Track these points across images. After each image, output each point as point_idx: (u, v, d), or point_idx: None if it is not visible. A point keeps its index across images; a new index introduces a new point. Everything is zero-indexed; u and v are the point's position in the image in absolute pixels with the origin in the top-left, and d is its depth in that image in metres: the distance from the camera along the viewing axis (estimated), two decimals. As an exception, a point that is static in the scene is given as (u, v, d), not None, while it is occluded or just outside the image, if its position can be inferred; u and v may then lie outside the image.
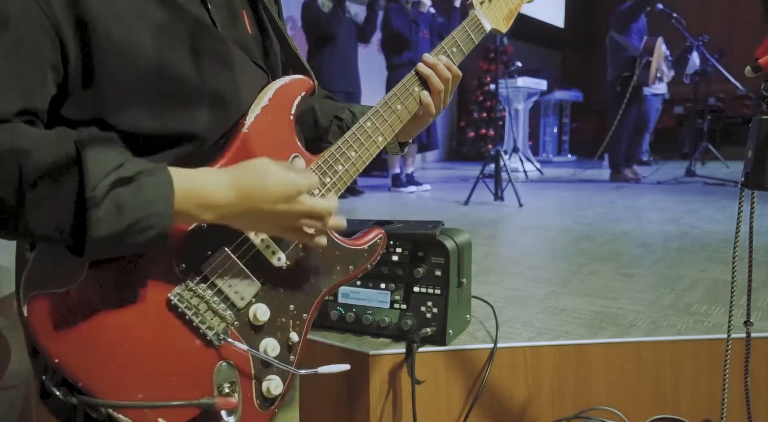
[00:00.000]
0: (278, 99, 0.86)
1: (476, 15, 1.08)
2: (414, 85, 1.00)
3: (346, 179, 0.91)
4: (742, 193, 1.00)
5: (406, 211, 4.30)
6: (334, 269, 0.92)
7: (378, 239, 0.97)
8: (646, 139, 7.61)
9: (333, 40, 5.02)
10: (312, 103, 1.07)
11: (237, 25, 0.88)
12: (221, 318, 0.79)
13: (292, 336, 0.87)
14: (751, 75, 0.93)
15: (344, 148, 0.91)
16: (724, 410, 1.06)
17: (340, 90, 5.05)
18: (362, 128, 0.93)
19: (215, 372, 0.79)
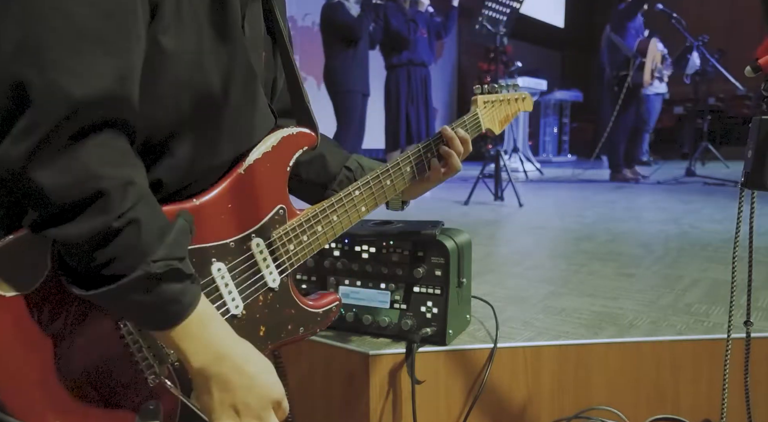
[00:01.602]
0: (281, 148, 0.86)
1: (478, 114, 1.16)
2: (407, 165, 1.05)
3: (321, 241, 0.93)
4: (742, 193, 1.00)
5: (406, 211, 4.29)
6: (284, 327, 0.91)
7: (333, 306, 0.98)
8: (646, 139, 7.62)
9: (356, 44, 5.03)
10: (321, 150, 1.08)
11: (258, 62, 0.89)
12: (162, 358, 0.77)
13: None
14: (751, 75, 0.93)
15: (328, 211, 0.94)
16: (724, 410, 1.06)
17: (358, 91, 5.07)
18: (350, 195, 0.97)
19: (141, 411, 0.76)
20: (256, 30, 0.86)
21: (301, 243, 0.89)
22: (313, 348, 1.45)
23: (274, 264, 0.87)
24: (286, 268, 0.88)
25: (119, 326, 0.73)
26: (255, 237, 0.84)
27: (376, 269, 1.40)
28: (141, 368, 0.75)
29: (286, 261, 0.88)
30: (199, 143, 0.77)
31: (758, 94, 0.93)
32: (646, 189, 5.57)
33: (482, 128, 1.17)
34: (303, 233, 0.89)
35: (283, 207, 0.88)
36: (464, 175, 7.31)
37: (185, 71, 0.73)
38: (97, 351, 0.72)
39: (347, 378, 1.40)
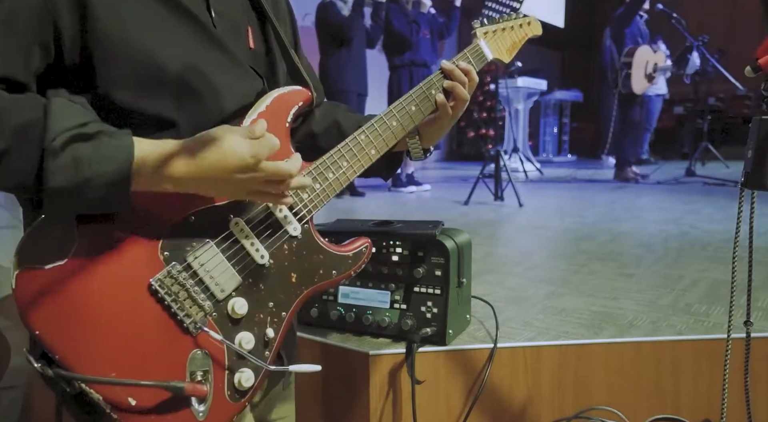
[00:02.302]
0: (276, 106, 0.89)
1: (479, 44, 1.12)
2: (411, 104, 1.04)
3: (335, 186, 0.95)
4: (742, 193, 1.00)
5: (406, 211, 4.30)
6: (317, 272, 0.94)
7: (364, 248, 0.99)
8: (647, 138, 7.62)
9: (349, 43, 5.03)
10: (336, 117, 1.11)
11: (239, 37, 0.92)
12: (200, 308, 0.81)
13: (268, 332, 0.88)
14: (751, 75, 0.93)
15: (336, 157, 0.95)
16: (724, 410, 1.06)
17: (353, 91, 5.08)
18: (355, 140, 0.97)
19: (189, 360, 0.80)
20: (230, 5, 0.91)
21: (314, 190, 0.92)
22: (313, 348, 1.45)
23: (291, 213, 0.90)
24: (304, 215, 0.91)
25: (151, 283, 0.78)
26: None
27: (376, 269, 1.40)
28: (181, 318, 0.79)
29: (303, 209, 0.91)
30: (142, 94, 0.80)
31: (758, 94, 0.93)
32: (646, 189, 5.57)
33: (487, 58, 1.14)
34: (314, 181, 0.92)
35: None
36: (464, 174, 7.31)
37: (138, 53, 0.78)
38: (137, 307, 0.77)
39: (347, 378, 1.40)
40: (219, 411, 0.82)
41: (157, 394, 0.77)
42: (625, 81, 5.97)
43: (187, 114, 0.83)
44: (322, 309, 1.46)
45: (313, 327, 1.48)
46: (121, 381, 0.75)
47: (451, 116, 1.08)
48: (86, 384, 0.73)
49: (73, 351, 0.73)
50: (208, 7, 0.87)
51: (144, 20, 0.79)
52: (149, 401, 0.77)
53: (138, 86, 0.79)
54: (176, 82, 0.82)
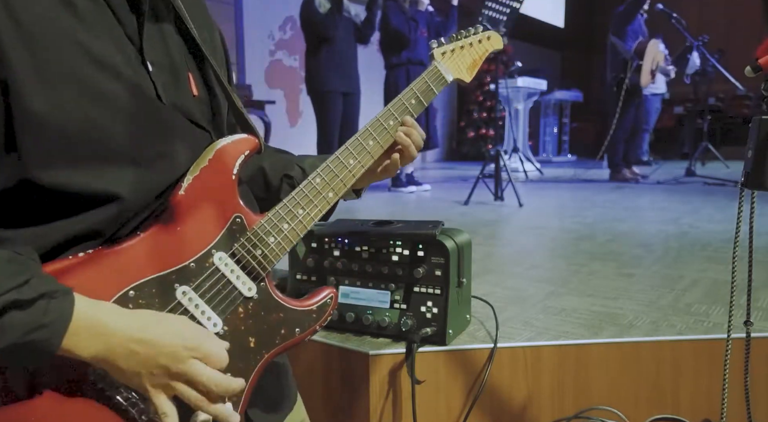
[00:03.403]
0: (219, 159, 0.83)
1: (437, 67, 1.07)
2: (368, 139, 0.98)
3: (292, 237, 0.88)
4: (742, 193, 1.00)
5: (406, 211, 4.30)
6: (278, 333, 0.87)
7: (329, 299, 0.92)
8: (646, 139, 7.62)
9: (330, 41, 4.96)
10: (261, 163, 1.05)
11: (180, 87, 0.85)
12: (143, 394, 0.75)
13: (227, 407, 0.79)
14: (751, 75, 0.93)
15: (290, 206, 0.89)
16: (724, 410, 1.06)
17: (337, 91, 5.03)
18: (311, 185, 0.91)
19: None
20: (167, 53, 0.84)
21: (268, 245, 0.86)
22: (313, 348, 1.45)
23: (244, 273, 0.84)
24: (258, 273, 0.85)
25: (88, 373, 0.73)
26: (216, 251, 0.82)
27: (376, 269, 1.40)
28: (126, 409, 0.74)
29: (257, 266, 0.85)
30: (81, 172, 0.74)
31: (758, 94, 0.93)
32: (646, 189, 5.57)
33: (447, 80, 1.08)
34: (268, 235, 0.86)
35: (240, 215, 0.84)
36: (464, 174, 7.31)
37: (72, 126, 0.72)
38: (78, 402, 0.72)
39: (347, 378, 1.40)
40: None
41: None
42: (634, 74, 5.94)
43: (134, 185, 0.77)
44: (322, 309, 1.46)
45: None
46: None
47: (394, 171, 1.05)
48: None
49: None
50: (143, 61, 0.80)
51: (76, 92, 0.73)
52: None
53: (79, 165, 0.73)
54: (124, 157, 0.76)
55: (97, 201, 0.75)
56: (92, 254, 0.74)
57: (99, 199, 0.75)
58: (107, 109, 0.74)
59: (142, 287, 0.77)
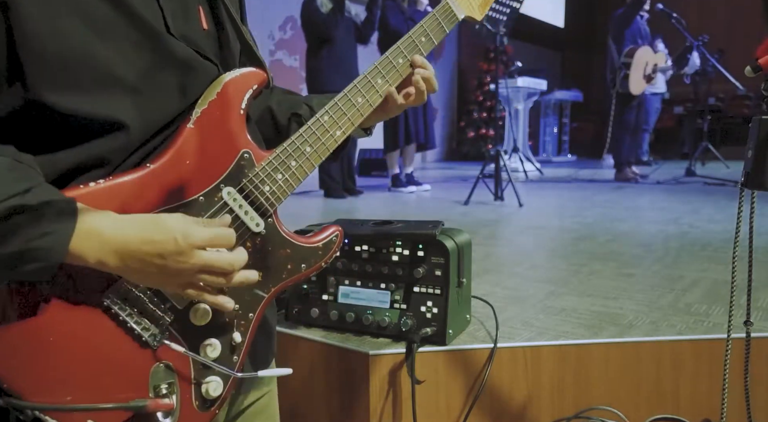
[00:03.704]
0: (227, 92, 0.82)
1: (448, 2, 1.04)
2: (377, 77, 0.96)
3: (299, 174, 0.88)
4: (742, 193, 1.00)
5: (406, 210, 4.30)
6: (284, 268, 0.88)
7: (334, 236, 0.92)
8: (646, 139, 7.62)
9: (331, 41, 4.96)
10: (269, 103, 1.04)
11: (189, 19, 0.85)
12: (158, 319, 0.77)
13: (235, 336, 0.83)
14: (751, 75, 0.93)
15: (298, 143, 0.88)
16: (724, 410, 1.06)
17: (338, 91, 5.03)
18: (318, 122, 0.90)
19: (151, 374, 0.77)
20: None
21: (276, 181, 0.85)
22: (313, 348, 1.45)
23: (252, 209, 0.84)
24: (266, 210, 0.85)
25: (103, 298, 0.73)
26: (224, 186, 0.82)
27: (376, 269, 1.40)
28: (138, 333, 0.76)
29: (265, 202, 0.85)
30: (85, 96, 0.75)
31: (758, 94, 0.93)
32: (646, 189, 5.57)
33: (458, 17, 1.05)
34: (275, 171, 0.85)
35: (248, 151, 0.84)
36: (464, 174, 7.31)
37: (71, 52, 0.72)
38: (90, 327, 0.73)
39: (347, 378, 1.40)
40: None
41: (120, 415, 0.74)
42: (623, 81, 5.98)
43: (139, 114, 0.77)
44: (322, 309, 1.46)
45: (313, 328, 1.48)
46: (75, 407, 0.71)
47: (404, 106, 1.02)
48: (42, 412, 0.69)
49: (24, 378, 0.69)
50: None
51: (81, 17, 0.73)
52: (111, 421, 0.73)
53: (82, 90, 0.74)
54: (126, 85, 0.76)
55: (103, 129, 0.75)
56: (99, 185, 0.73)
57: (105, 127, 0.75)
58: (108, 37, 0.74)
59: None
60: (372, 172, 7.86)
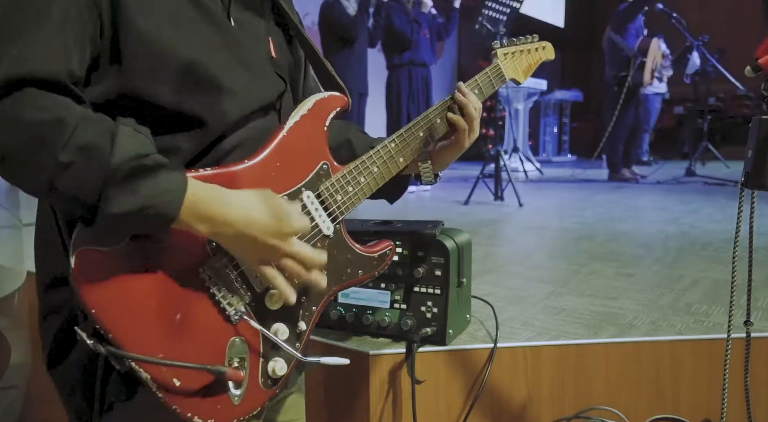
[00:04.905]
0: (316, 110, 0.94)
1: (499, 64, 1.20)
2: (437, 116, 1.09)
3: (366, 191, 1.00)
4: (742, 193, 1.00)
5: (406, 210, 4.30)
6: (345, 271, 0.99)
7: (388, 250, 1.05)
8: (646, 139, 7.63)
9: (354, 42, 5.02)
10: (348, 136, 1.14)
11: (259, 43, 0.95)
12: (240, 298, 0.85)
13: (300, 324, 0.92)
14: (751, 75, 0.94)
15: (368, 163, 1.00)
16: (724, 410, 1.06)
17: (354, 90, 5.07)
18: (386, 148, 1.02)
19: (229, 346, 0.84)
20: (252, 15, 0.94)
21: (347, 193, 0.97)
22: (313, 348, 1.45)
23: (326, 214, 0.94)
24: (337, 216, 0.96)
25: (199, 271, 0.81)
26: (305, 190, 0.92)
27: (376, 269, 1.40)
28: (223, 306, 0.83)
29: (336, 210, 0.96)
30: (176, 92, 0.82)
31: (758, 94, 0.93)
32: (646, 189, 5.57)
33: (506, 78, 1.21)
34: (348, 184, 0.97)
35: (326, 162, 0.95)
36: (464, 174, 7.31)
37: (161, 47, 0.80)
38: (186, 293, 0.81)
39: (347, 378, 1.40)
40: (252, 397, 0.86)
41: (199, 377, 0.80)
42: (637, 71, 5.95)
43: (216, 113, 0.85)
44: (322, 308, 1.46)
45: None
46: (170, 362, 0.77)
47: (465, 137, 1.12)
48: (137, 363, 0.76)
49: (126, 331, 0.76)
50: (228, 15, 0.90)
51: (174, 19, 0.81)
52: (191, 383, 0.80)
53: (171, 83, 0.81)
54: (208, 84, 0.84)
55: (185, 123, 0.83)
56: (207, 171, 0.82)
57: (187, 122, 0.83)
58: (194, 38, 0.83)
59: None
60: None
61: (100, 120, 0.73)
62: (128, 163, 0.71)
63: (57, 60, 0.72)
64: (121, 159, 0.70)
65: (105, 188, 0.70)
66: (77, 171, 0.69)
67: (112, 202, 0.70)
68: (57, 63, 0.72)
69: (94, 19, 0.76)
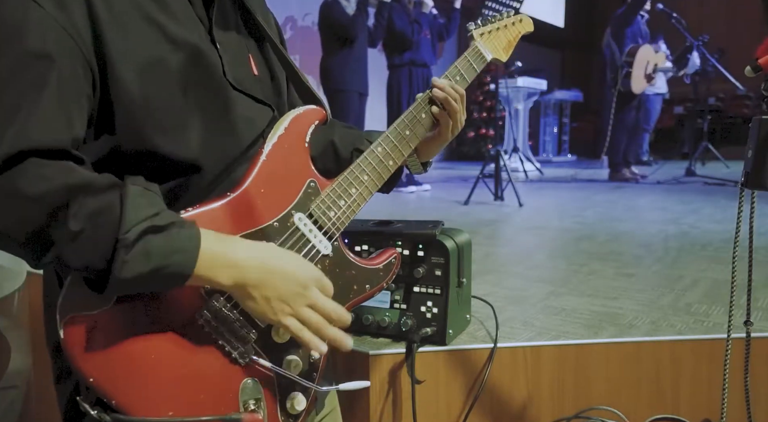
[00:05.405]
0: (293, 128, 0.90)
1: (477, 46, 1.14)
2: (421, 111, 1.05)
3: (359, 201, 0.96)
4: (742, 193, 1.00)
5: (406, 210, 4.30)
6: (351, 288, 0.96)
7: (393, 259, 1.02)
8: (646, 139, 7.62)
9: (353, 42, 5.03)
10: (332, 137, 1.12)
11: (242, 65, 0.94)
12: (245, 337, 0.82)
13: (313, 353, 0.89)
14: (751, 75, 0.93)
15: (357, 172, 0.96)
16: (724, 410, 1.06)
17: (354, 90, 5.07)
18: (373, 153, 0.99)
19: (241, 390, 0.81)
20: (230, 35, 0.93)
21: (339, 207, 0.93)
22: (313, 348, 1.45)
23: (320, 233, 0.92)
24: (333, 233, 0.93)
25: (196, 318, 0.79)
26: (295, 212, 0.89)
27: (376, 269, 1.40)
28: (228, 350, 0.81)
29: (331, 227, 0.93)
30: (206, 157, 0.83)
31: (758, 94, 0.93)
32: (646, 189, 5.57)
33: (486, 58, 1.16)
34: (339, 198, 0.94)
35: (313, 180, 0.92)
36: (464, 174, 7.31)
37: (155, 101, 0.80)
38: (186, 344, 0.78)
39: (347, 378, 1.40)
40: None
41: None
42: (624, 79, 5.98)
43: (211, 156, 0.84)
44: (322, 309, 1.46)
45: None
46: (181, 419, 0.75)
47: (449, 130, 1.10)
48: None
49: (130, 394, 0.74)
50: (212, 40, 0.88)
51: (166, 73, 0.81)
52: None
53: (163, 134, 0.80)
54: (201, 130, 0.83)
55: (182, 169, 0.83)
56: (189, 212, 0.80)
57: (183, 168, 0.83)
58: (184, 85, 0.82)
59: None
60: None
61: (107, 183, 0.72)
62: (138, 226, 0.69)
63: (59, 128, 0.71)
64: (131, 224, 0.69)
65: (116, 253, 0.68)
66: (87, 239, 0.68)
67: (124, 268, 0.68)
68: (60, 131, 0.71)
69: (87, 76, 0.75)
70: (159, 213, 0.72)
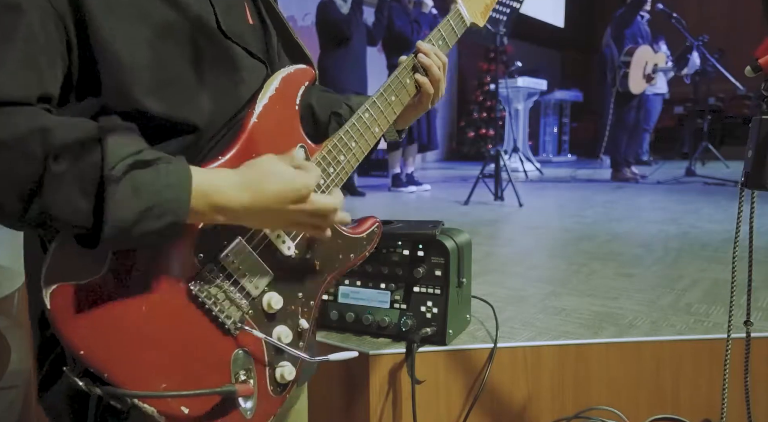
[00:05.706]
0: (284, 88, 0.87)
1: (459, 8, 1.13)
2: (406, 77, 1.03)
3: (347, 169, 0.94)
4: (742, 193, 1.00)
5: (406, 210, 4.30)
6: (336, 257, 0.95)
7: (375, 227, 1.01)
8: (646, 138, 7.62)
9: (349, 41, 5.03)
10: (310, 100, 1.08)
11: (237, 16, 0.90)
12: (237, 307, 0.81)
13: (301, 322, 0.88)
14: (751, 75, 0.93)
15: (345, 139, 0.94)
16: (724, 410, 1.06)
17: (352, 90, 5.07)
18: (361, 119, 0.96)
19: (232, 360, 0.80)
20: None
21: (329, 175, 0.91)
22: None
23: None
24: None
25: (190, 287, 0.76)
26: None
27: (376, 269, 1.40)
28: (222, 320, 0.79)
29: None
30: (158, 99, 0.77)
31: (758, 94, 0.93)
32: (646, 189, 5.57)
33: (466, 23, 1.15)
34: (328, 166, 0.91)
35: (303, 145, 0.89)
36: (464, 174, 7.31)
37: (142, 59, 0.76)
38: (179, 314, 0.76)
39: (347, 378, 1.40)
40: (264, 407, 0.83)
41: (208, 400, 0.77)
42: (622, 80, 5.99)
43: (207, 115, 0.81)
44: (322, 309, 1.46)
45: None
46: (176, 393, 0.73)
47: (429, 99, 1.08)
48: (140, 400, 0.71)
49: (122, 368, 0.71)
50: None
51: (151, 28, 0.77)
52: (201, 407, 0.76)
53: (157, 93, 0.77)
54: (194, 87, 0.80)
55: (177, 130, 0.79)
56: None
57: (179, 128, 0.79)
58: (172, 41, 0.78)
59: None
60: (372, 172, 7.87)
61: (84, 123, 0.67)
62: (124, 161, 0.65)
63: (27, 83, 0.67)
64: (116, 159, 0.64)
65: (105, 192, 0.63)
66: (71, 181, 0.63)
67: (116, 207, 0.63)
68: (27, 86, 0.67)
69: (61, 33, 0.71)
70: (143, 150, 0.68)
